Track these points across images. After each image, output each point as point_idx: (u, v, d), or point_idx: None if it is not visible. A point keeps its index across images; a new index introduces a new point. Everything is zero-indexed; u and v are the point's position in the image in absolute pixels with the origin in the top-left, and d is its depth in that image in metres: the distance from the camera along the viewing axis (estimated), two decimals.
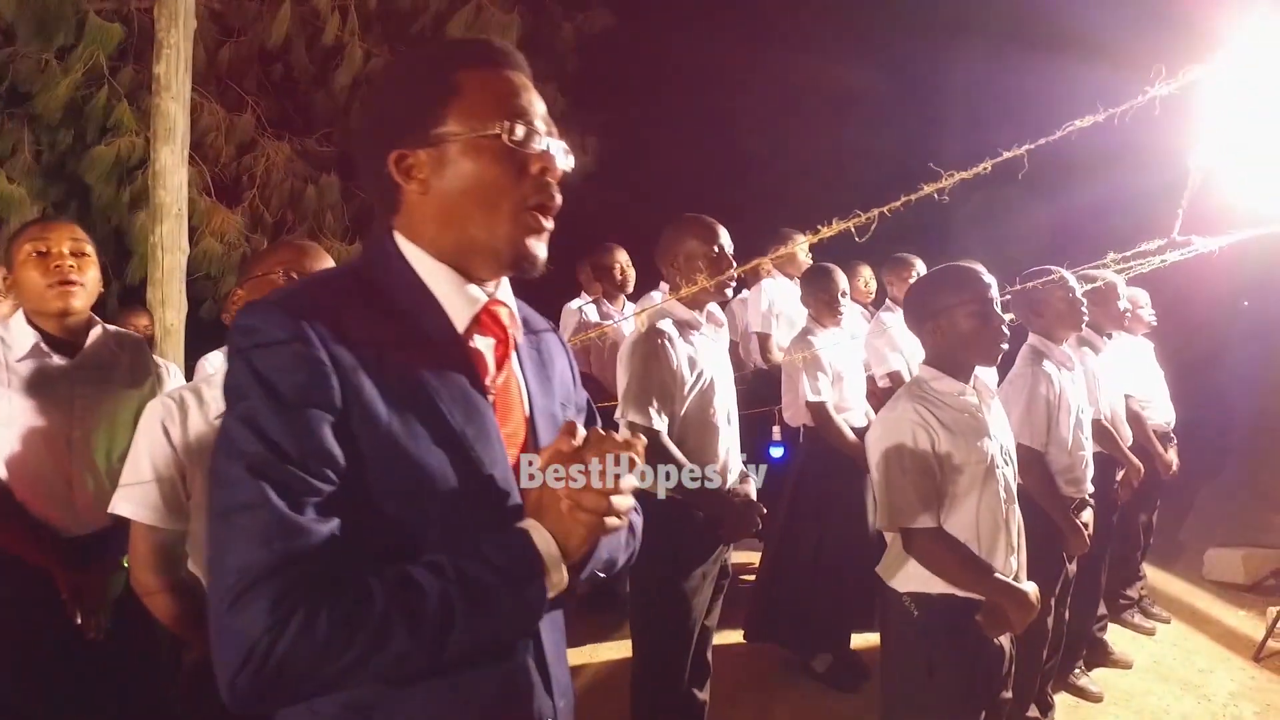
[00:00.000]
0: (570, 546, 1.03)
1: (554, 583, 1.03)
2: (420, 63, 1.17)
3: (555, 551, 1.02)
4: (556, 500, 1.03)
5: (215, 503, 0.95)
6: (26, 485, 2.15)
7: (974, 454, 2.28)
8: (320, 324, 0.99)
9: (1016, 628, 2.31)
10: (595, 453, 1.02)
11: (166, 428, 1.86)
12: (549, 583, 1.02)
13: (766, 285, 5.03)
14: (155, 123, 4.96)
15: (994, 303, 2.34)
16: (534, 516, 1.05)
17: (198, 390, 1.92)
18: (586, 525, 1.03)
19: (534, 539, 1.02)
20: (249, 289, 1.95)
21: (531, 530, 1.03)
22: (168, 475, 1.86)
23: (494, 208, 1.08)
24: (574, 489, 1.01)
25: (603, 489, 1.01)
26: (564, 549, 1.03)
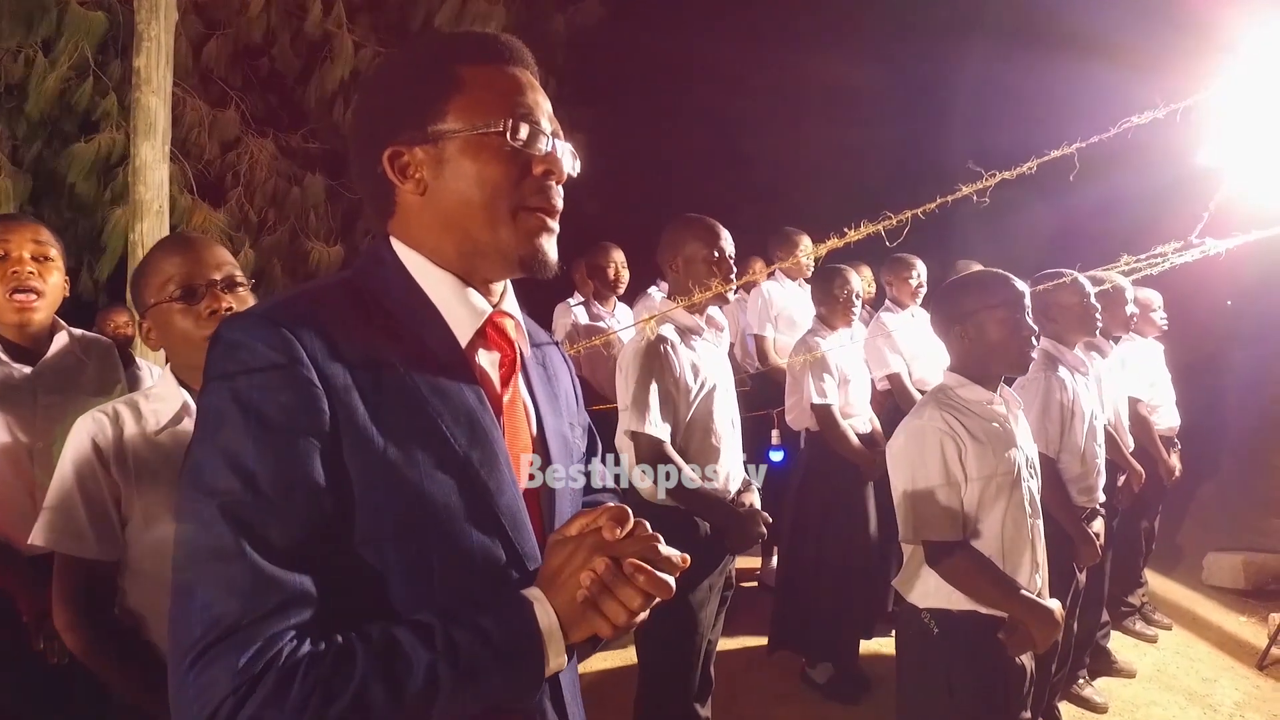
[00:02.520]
0: (571, 635, 0.94)
1: (553, 665, 0.93)
2: (420, 55, 1.07)
3: (559, 634, 0.93)
4: (575, 585, 0.92)
5: (182, 544, 0.85)
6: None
7: (1001, 465, 2.20)
8: (311, 340, 0.90)
9: (1040, 647, 2.23)
10: (636, 553, 0.93)
11: (97, 445, 1.67)
12: (547, 666, 0.92)
13: (765, 286, 4.95)
14: (136, 118, 4.82)
15: (1025, 310, 2.26)
16: (546, 588, 0.94)
17: (133, 403, 1.74)
18: (595, 626, 0.93)
19: (538, 617, 0.92)
20: (153, 321, 1.74)
21: (537, 606, 0.93)
22: (98, 498, 1.67)
23: (494, 210, 1.00)
24: (598, 585, 0.92)
25: (630, 601, 0.92)
26: (566, 633, 0.93)
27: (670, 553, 0.95)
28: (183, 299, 1.69)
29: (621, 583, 0.92)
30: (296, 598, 0.84)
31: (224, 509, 0.84)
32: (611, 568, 0.92)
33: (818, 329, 3.81)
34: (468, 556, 0.95)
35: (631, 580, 0.91)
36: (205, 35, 6.90)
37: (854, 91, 8.04)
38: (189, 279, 1.69)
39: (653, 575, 0.92)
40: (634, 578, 0.91)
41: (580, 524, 0.96)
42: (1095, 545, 3.02)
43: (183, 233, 2.57)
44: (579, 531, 0.95)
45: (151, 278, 1.74)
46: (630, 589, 0.91)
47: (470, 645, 0.88)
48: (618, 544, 0.93)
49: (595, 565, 0.92)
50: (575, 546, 0.94)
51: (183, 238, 1.89)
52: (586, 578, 0.92)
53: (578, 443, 1.18)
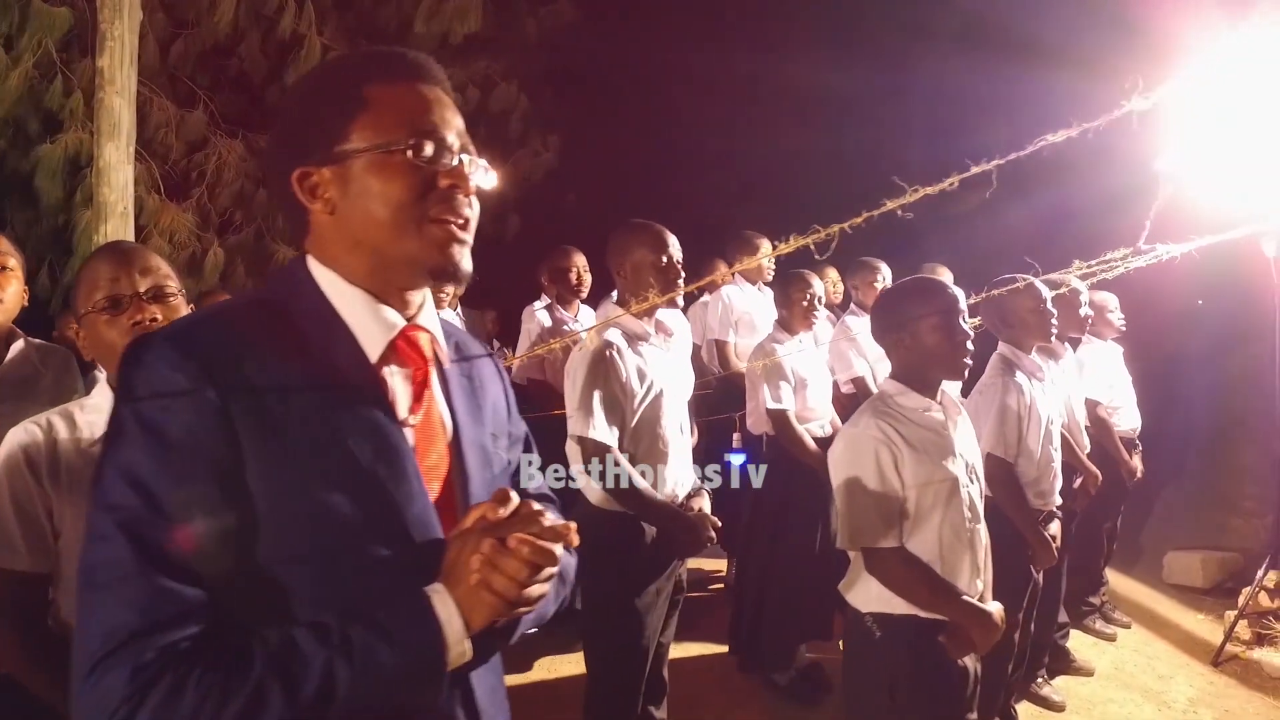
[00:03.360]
0: (473, 621, 0.95)
1: (454, 657, 0.95)
2: (327, 76, 1.10)
3: (459, 625, 0.94)
4: (468, 571, 0.95)
5: (84, 558, 0.87)
6: None
7: (938, 472, 2.21)
8: (215, 360, 0.91)
9: (981, 649, 2.26)
10: (520, 529, 0.96)
11: (29, 455, 1.66)
12: (448, 657, 0.94)
13: (725, 291, 4.96)
14: (99, 118, 4.78)
15: (959, 315, 2.28)
16: (445, 581, 0.96)
17: (68, 413, 1.73)
18: (490, 606, 0.95)
19: (436, 609, 0.94)
20: (86, 330, 1.73)
21: (435, 599, 0.95)
22: (29, 510, 1.65)
23: (400, 225, 1.01)
24: (487, 565, 0.94)
25: (516, 573, 0.94)
26: (467, 622, 0.95)
27: (554, 522, 0.98)
28: (109, 309, 1.68)
29: (506, 557, 0.94)
30: (193, 610, 0.86)
31: (121, 525, 0.86)
32: (496, 545, 0.95)
33: (777, 333, 3.83)
34: (374, 568, 0.96)
35: (516, 553, 0.94)
36: (173, 34, 6.85)
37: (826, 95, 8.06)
38: (115, 289, 1.69)
39: (535, 544, 0.95)
40: (518, 550, 0.94)
41: (473, 516, 0.98)
42: (1051, 548, 3.04)
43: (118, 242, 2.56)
44: (471, 524, 0.98)
45: (83, 285, 1.73)
46: (515, 561, 0.94)
47: (366, 640, 0.90)
48: (502, 523, 0.96)
49: (482, 547, 0.95)
50: (464, 537, 0.97)
51: (115, 247, 1.88)
52: (476, 560, 0.94)
53: (501, 453, 1.19)
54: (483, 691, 1.06)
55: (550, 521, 0.97)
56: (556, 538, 0.97)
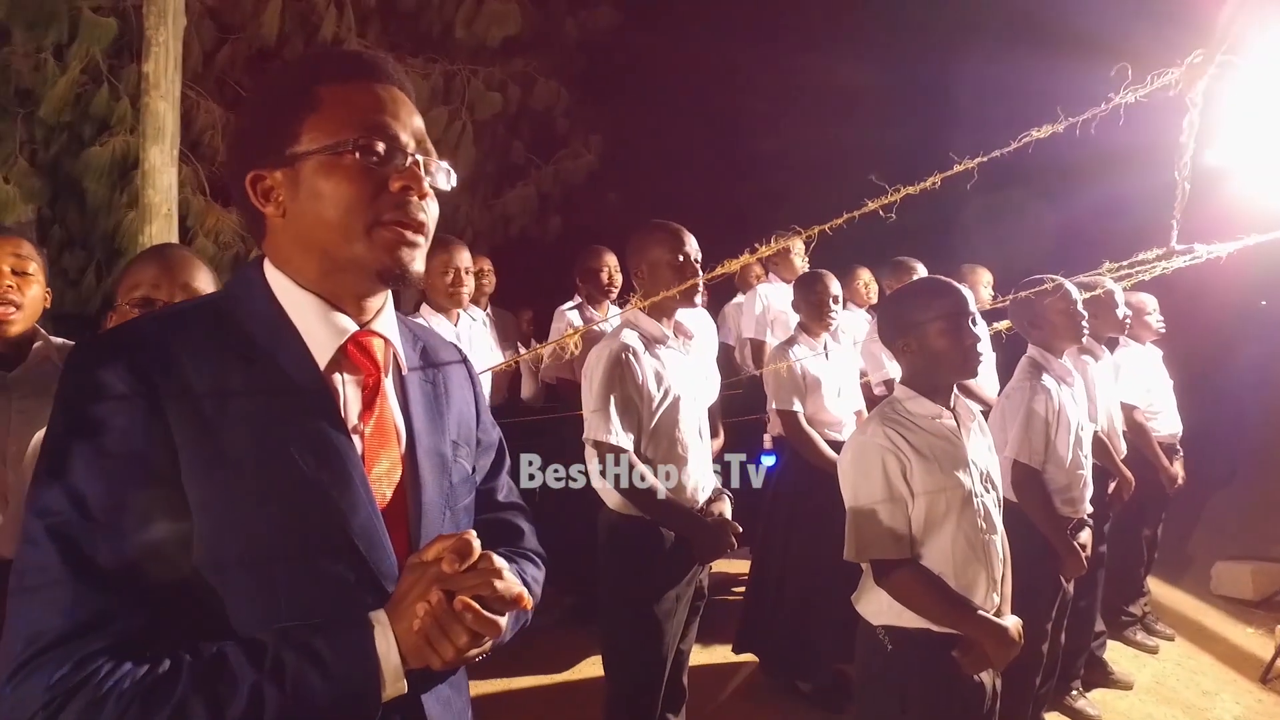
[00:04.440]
0: (410, 660, 0.94)
1: (389, 693, 0.93)
2: (281, 77, 1.08)
3: (396, 661, 0.93)
4: (413, 614, 0.93)
5: (15, 562, 0.87)
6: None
7: (950, 480, 2.15)
8: (155, 366, 0.91)
9: (998, 665, 2.19)
10: (473, 586, 0.93)
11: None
12: (382, 694, 0.92)
13: (761, 290, 4.91)
14: (144, 122, 4.91)
15: (967, 317, 2.20)
16: (390, 612, 0.94)
17: None
18: (427, 656, 0.93)
19: (375, 641, 0.92)
20: (116, 320, 1.81)
21: (377, 629, 0.93)
22: None
23: (349, 228, 0.99)
24: (429, 618, 0.92)
25: (455, 638, 0.92)
26: (405, 659, 0.93)
27: (508, 590, 0.95)
28: (141, 308, 1.73)
29: (450, 619, 0.92)
30: (119, 617, 0.86)
31: (50, 530, 0.86)
32: (443, 602, 0.92)
33: (798, 334, 3.78)
34: (317, 578, 0.95)
35: (459, 618, 0.92)
36: (220, 40, 7.00)
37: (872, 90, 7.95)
38: (153, 292, 1.75)
39: (480, 615, 0.92)
40: (461, 615, 0.92)
41: (436, 549, 0.96)
42: (1080, 557, 2.96)
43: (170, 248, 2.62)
44: (432, 557, 0.95)
45: (126, 280, 1.80)
46: (457, 626, 0.92)
47: (299, 666, 0.88)
48: (456, 577, 0.93)
49: (430, 597, 0.92)
50: (420, 574, 0.95)
51: (165, 252, 1.94)
52: (421, 608, 0.92)
53: (463, 462, 1.16)
54: (433, 702, 1.04)
55: (504, 588, 0.95)
56: (504, 607, 0.95)
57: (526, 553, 1.26)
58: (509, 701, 3.66)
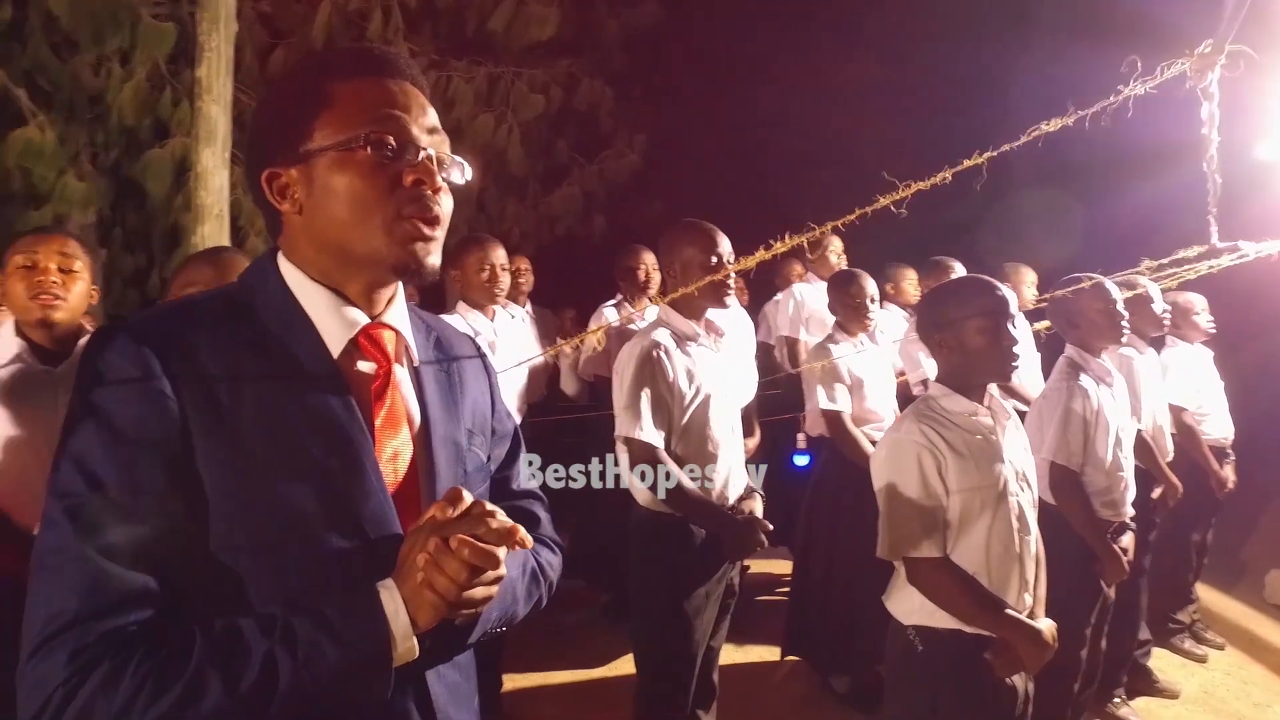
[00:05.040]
0: (419, 619, 0.95)
1: (400, 654, 0.94)
2: (295, 76, 1.10)
3: (405, 621, 0.94)
4: (414, 569, 0.94)
5: (36, 543, 0.90)
6: (11, 492, 2.16)
7: (984, 479, 2.13)
8: (170, 353, 0.94)
9: (1030, 668, 2.16)
10: (467, 529, 0.94)
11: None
12: (393, 654, 0.94)
13: (798, 288, 4.89)
14: (197, 125, 5.05)
15: (1007, 318, 2.18)
16: (395, 577, 0.96)
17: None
18: (434, 605, 0.94)
19: (384, 604, 0.94)
20: None
21: (384, 593, 0.95)
22: None
23: (365, 225, 1.01)
24: (430, 564, 0.93)
25: (456, 574, 0.93)
26: (413, 620, 0.95)
27: (501, 525, 0.96)
28: None
29: (448, 557, 0.93)
30: (136, 596, 0.88)
31: (69, 511, 0.89)
32: (440, 544, 0.94)
33: (835, 333, 3.75)
34: (327, 561, 0.97)
35: (457, 554, 0.93)
36: (272, 44, 7.16)
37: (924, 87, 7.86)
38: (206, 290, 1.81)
39: (476, 547, 0.93)
40: (458, 551, 0.93)
41: (428, 515, 0.97)
42: (1121, 561, 2.90)
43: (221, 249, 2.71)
44: (424, 522, 0.97)
45: (181, 276, 1.88)
46: (456, 562, 0.93)
47: (310, 632, 0.90)
48: (450, 523, 0.95)
49: (428, 545, 0.94)
50: (417, 532, 0.96)
51: (217, 253, 2.04)
52: (421, 558, 0.94)
53: (477, 450, 1.18)
54: (441, 689, 1.05)
55: (498, 524, 0.95)
56: (500, 540, 0.95)
57: (543, 539, 1.27)
58: (544, 696, 3.70)
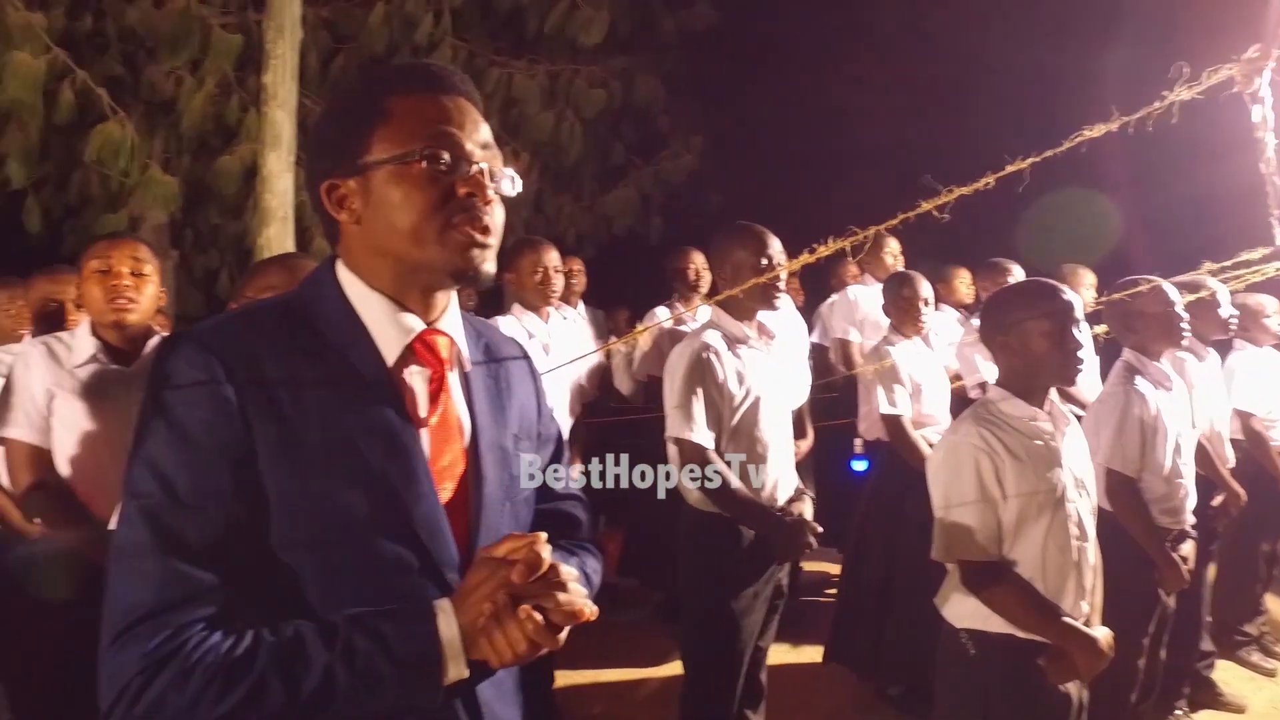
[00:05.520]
0: (471, 652, 0.99)
1: (452, 675, 0.98)
2: (353, 90, 1.15)
3: (459, 647, 0.98)
4: (478, 611, 0.98)
5: (113, 539, 0.96)
6: (87, 485, 2.28)
7: (1042, 484, 2.11)
8: (234, 360, 0.99)
9: (1085, 676, 2.13)
10: (537, 596, 0.98)
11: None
12: (445, 678, 0.98)
13: (852, 290, 4.86)
14: (263, 130, 5.21)
15: (1072, 321, 2.15)
16: (456, 603, 1.00)
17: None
18: (486, 651, 0.98)
19: (440, 628, 0.98)
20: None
21: (441, 617, 0.99)
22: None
23: (419, 235, 1.04)
24: (493, 619, 0.97)
25: (515, 643, 0.97)
26: (466, 648, 0.99)
27: (570, 604, 0.99)
28: None
29: (512, 624, 0.97)
30: (206, 593, 0.94)
31: (143, 510, 0.95)
32: (508, 607, 0.97)
33: (891, 336, 3.73)
34: (381, 563, 1.02)
35: (521, 625, 0.97)
36: (334, 49, 7.33)
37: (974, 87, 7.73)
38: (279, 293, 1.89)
39: (539, 627, 0.97)
40: (524, 624, 0.96)
41: (506, 548, 1.00)
42: (1181, 570, 2.83)
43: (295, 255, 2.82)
44: (502, 555, 1.00)
45: (255, 279, 1.95)
46: (518, 633, 0.97)
47: (369, 650, 0.95)
48: (523, 585, 0.98)
49: (496, 598, 0.97)
50: (490, 573, 0.99)
51: (289, 259, 2.14)
52: (487, 607, 0.97)
53: (522, 454, 1.21)
54: (486, 687, 1.08)
55: (566, 601, 0.99)
56: (565, 621, 0.99)
57: (585, 544, 1.30)
58: (595, 694, 3.75)
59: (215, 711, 0.90)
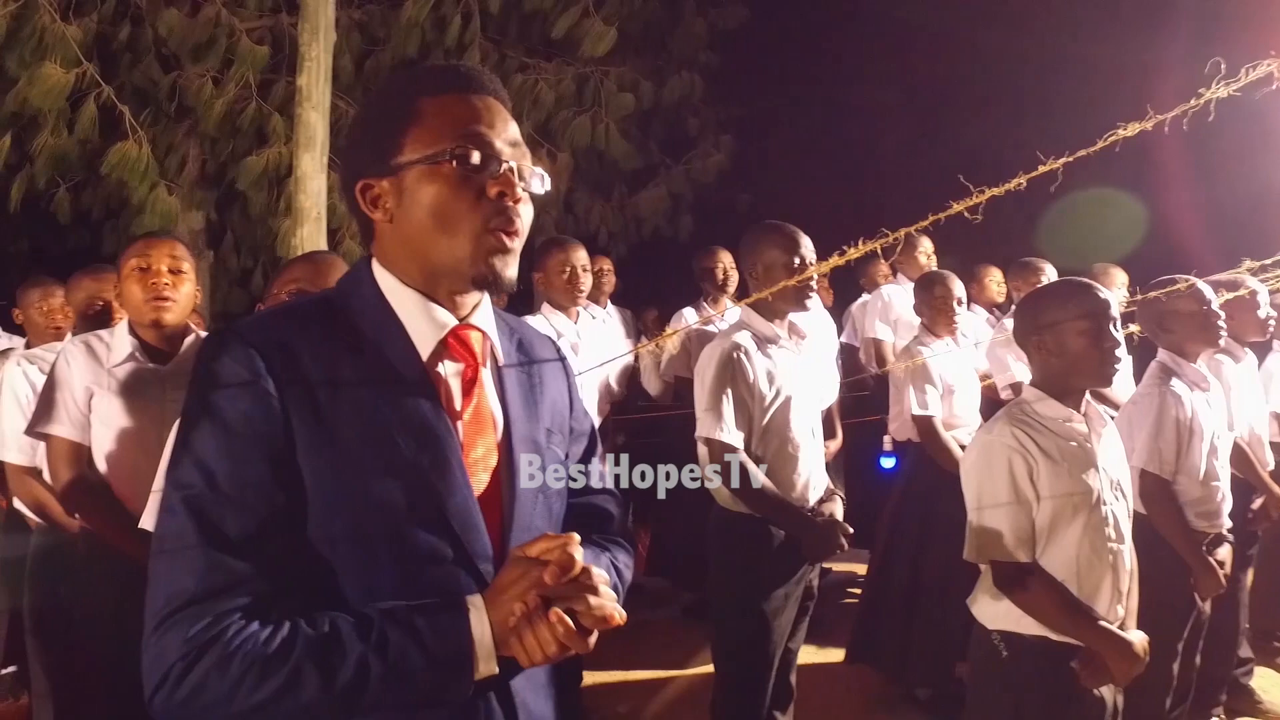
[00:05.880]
0: (502, 649, 1.01)
1: (481, 671, 1.00)
2: (387, 92, 1.18)
3: (489, 643, 1.00)
4: (509, 610, 1.00)
5: (156, 528, 0.99)
6: (124, 482, 2.32)
7: (1077, 485, 2.09)
8: (274, 355, 1.01)
9: (1120, 680, 2.11)
10: (569, 598, 0.99)
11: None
12: (475, 673, 1.00)
13: (886, 290, 4.83)
14: (297, 131, 5.27)
15: (1109, 320, 2.13)
16: (488, 599, 1.02)
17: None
18: (516, 649, 1.00)
19: (472, 625, 1.00)
20: (268, 308, 1.99)
21: (473, 614, 1.00)
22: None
23: (451, 233, 1.06)
24: (524, 619, 0.99)
25: (545, 645, 0.98)
26: (497, 645, 1.00)
27: (601, 609, 1.00)
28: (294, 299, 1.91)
29: (542, 626, 0.98)
30: (245, 582, 0.96)
31: (186, 501, 0.97)
32: (539, 608, 0.99)
33: (923, 336, 3.70)
34: (415, 554, 1.03)
35: (551, 628, 0.98)
36: (367, 51, 7.41)
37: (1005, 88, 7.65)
38: (307, 288, 1.92)
39: (570, 630, 0.98)
40: (554, 626, 0.98)
41: (540, 548, 1.01)
42: (1218, 574, 2.79)
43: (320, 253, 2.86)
44: (536, 555, 1.01)
45: (284, 274, 2.01)
46: (548, 634, 0.98)
47: (402, 643, 0.97)
48: (555, 586, 0.99)
49: (528, 599, 0.99)
50: (523, 572, 1.01)
51: (315, 255, 2.17)
52: (519, 608, 0.99)
53: (555, 449, 1.23)
54: (520, 680, 1.09)
55: (597, 604, 1.00)
56: (594, 625, 1.00)
57: (617, 539, 1.31)
58: (623, 692, 3.76)
59: (253, 698, 0.92)
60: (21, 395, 2.83)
